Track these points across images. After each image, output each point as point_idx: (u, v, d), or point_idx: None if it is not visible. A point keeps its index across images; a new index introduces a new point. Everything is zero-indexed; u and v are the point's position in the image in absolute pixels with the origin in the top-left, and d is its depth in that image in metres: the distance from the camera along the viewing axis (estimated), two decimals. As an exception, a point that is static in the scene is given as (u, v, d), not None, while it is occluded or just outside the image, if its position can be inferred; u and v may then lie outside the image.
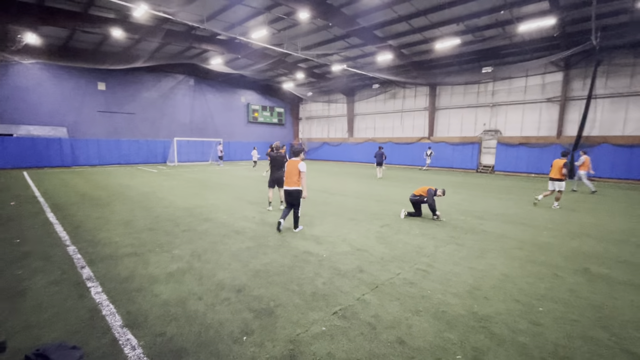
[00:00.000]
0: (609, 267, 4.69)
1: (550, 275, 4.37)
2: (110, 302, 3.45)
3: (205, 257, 4.84)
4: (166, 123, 26.07)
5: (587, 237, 6.26)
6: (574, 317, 3.29)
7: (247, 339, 2.85)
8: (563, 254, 5.25)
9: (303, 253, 5.07)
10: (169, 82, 25.93)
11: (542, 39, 16.52)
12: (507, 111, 21.13)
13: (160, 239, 5.70)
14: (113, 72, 22.50)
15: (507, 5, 13.37)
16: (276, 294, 3.67)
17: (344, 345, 2.78)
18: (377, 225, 6.84)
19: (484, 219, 7.66)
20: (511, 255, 5.15)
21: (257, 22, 16.40)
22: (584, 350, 2.76)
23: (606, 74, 17.13)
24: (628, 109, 16.82)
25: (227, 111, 30.04)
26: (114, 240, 5.57)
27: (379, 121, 28.60)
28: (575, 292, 3.86)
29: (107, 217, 7.29)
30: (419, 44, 18.55)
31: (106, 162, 22.68)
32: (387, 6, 14.26)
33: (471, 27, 15.92)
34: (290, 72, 25.50)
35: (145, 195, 10.30)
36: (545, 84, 19.41)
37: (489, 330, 3.02)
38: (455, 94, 23.47)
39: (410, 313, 3.32)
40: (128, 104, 23.89)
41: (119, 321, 3.08)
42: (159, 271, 4.28)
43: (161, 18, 15.19)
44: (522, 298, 3.68)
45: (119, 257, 4.76)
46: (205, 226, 6.58)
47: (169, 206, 8.55)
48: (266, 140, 33.29)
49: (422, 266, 4.61)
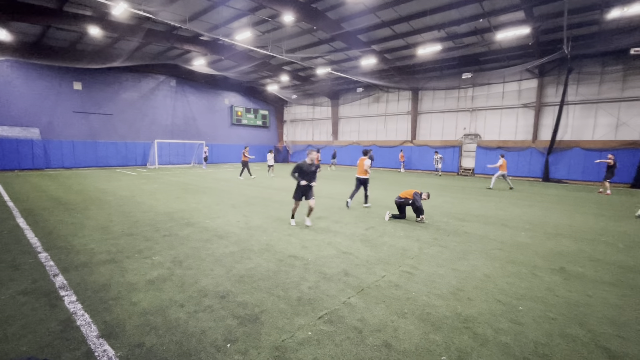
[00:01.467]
0: (583, 266, 4.88)
1: (529, 274, 4.51)
2: (85, 311, 3.28)
3: (187, 263, 4.70)
4: (146, 125, 25.33)
5: (562, 237, 6.51)
6: (552, 316, 3.39)
7: (230, 346, 2.77)
8: (540, 253, 5.44)
9: (288, 257, 5.01)
10: (149, 83, 25.25)
11: (518, 47, 17.21)
12: (486, 116, 21.84)
13: (139, 244, 5.50)
14: (90, 71, 21.70)
15: (486, 14, 13.86)
16: (261, 300, 3.61)
17: (330, 350, 2.75)
18: (362, 228, 6.87)
19: (466, 220, 7.84)
20: (492, 255, 5.28)
21: (241, 24, 16.26)
22: (562, 347, 2.85)
23: (577, 81, 18.03)
24: (597, 115, 17.74)
25: (210, 113, 29.54)
26: (89, 247, 5.32)
27: (363, 124, 28.90)
28: (553, 291, 3.99)
29: (83, 222, 6.97)
30: (401, 49, 18.92)
31: (82, 164, 21.79)
32: (370, 11, 14.46)
33: (452, 34, 16.39)
34: (274, 75, 25.41)
35: (123, 199, 9.95)
36: (521, 90, 20.20)
37: (473, 331, 3.07)
38: (437, 98, 24.05)
39: (395, 316, 3.33)
40: (106, 104, 23.06)
41: (94, 331, 2.93)
42: (138, 278, 4.12)
43: (141, 17, 14.80)
44: (503, 298, 3.77)
45: (94, 265, 4.55)
46: (187, 231, 6.40)
47: (149, 210, 8.28)
48: (250, 142, 32.97)
49: (407, 268, 4.65)
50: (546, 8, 13.17)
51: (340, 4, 13.96)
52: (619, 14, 11.88)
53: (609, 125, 17.40)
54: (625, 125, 16.92)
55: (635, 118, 16.63)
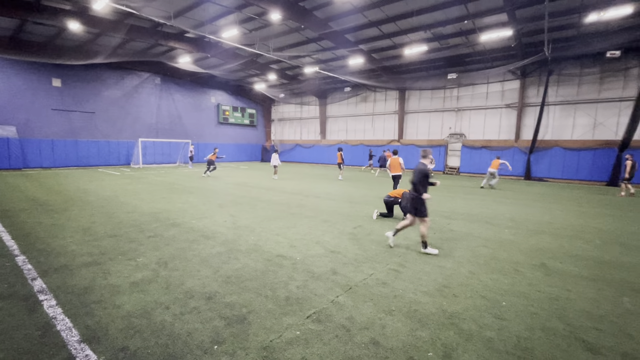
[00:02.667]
0: (563, 262, 5.05)
1: (512, 271, 4.63)
2: (65, 316, 3.18)
3: (172, 264, 4.61)
4: (130, 123, 24.69)
5: (543, 234, 6.72)
6: (534, 310, 3.50)
7: (218, 348, 2.74)
8: (523, 250, 5.59)
9: (276, 257, 4.99)
10: (132, 80, 24.62)
11: (501, 49, 17.62)
12: (470, 116, 22.29)
13: (123, 246, 5.37)
14: (70, 67, 20.97)
15: (470, 15, 14.13)
16: (249, 300, 3.58)
17: (318, 349, 2.75)
18: (350, 227, 6.91)
19: (451, 218, 7.99)
20: (477, 253, 5.40)
21: (228, 21, 16.04)
22: (543, 341, 2.94)
23: (557, 83, 18.61)
24: (576, 116, 18.37)
25: (196, 111, 29.05)
26: (70, 249, 5.16)
27: (350, 124, 29.03)
28: (534, 286, 4.11)
29: (63, 223, 6.75)
30: (389, 49, 19.08)
31: (62, 164, 21.06)
32: (358, 11, 14.52)
33: (437, 35, 16.63)
34: (262, 73, 25.20)
35: (106, 199, 9.68)
36: (504, 91, 20.71)
37: (458, 327, 3.14)
38: (423, 98, 24.38)
39: (383, 313, 3.36)
40: (87, 102, 22.34)
41: (75, 336, 2.85)
42: (122, 281, 4.02)
43: (124, 12, 14.41)
44: (487, 294, 3.87)
45: (75, 267, 4.42)
46: (173, 232, 6.29)
47: (133, 211, 8.09)
48: (238, 141, 32.63)
49: (394, 266, 4.71)
50: (528, 11, 13.54)
51: (328, 3, 13.96)
52: (596, 18, 12.32)
53: (587, 126, 18.05)
54: (602, 126, 17.58)
55: (611, 118, 17.30)
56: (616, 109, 17.14)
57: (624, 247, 5.89)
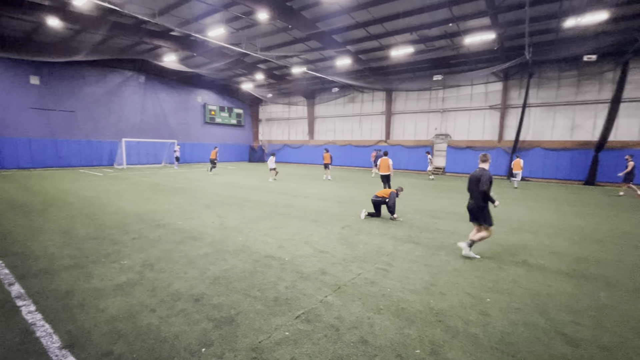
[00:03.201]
0: (544, 259, 5.22)
1: (496, 268, 4.76)
2: (46, 321, 3.07)
3: (158, 266, 4.52)
4: (113, 122, 24.02)
5: (525, 231, 6.93)
6: (517, 306, 3.60)
7: (206, 350, 2.70)
8: (506, 247, 5.75)
9: (265, 257, 4.96)
10: (115, 78, 23.97)
11: (485, 52, 18.05)
12: (455, 117, 22.74)
13: (106, 248, 5.23)
14: (49, 64, 20.21)
15: (455, 18, 14.42)
16: (237, 301, 3.55)
17: (307, 349, 2.76)
18: (338, 227, 6.94)
19: (438, 217, 8.13)
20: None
21: (214, 20, 15.84)
22: (525, 335, 3.03)
23: (537, 85, 19.21)
24: (555, 117, 19.01)
25: (182, 111, 28.54)
26: (50, 252, 4.99)
27: (338, 124, 29.13)
28: (517, 283, 4.24)
29: (42, 226, 6.52)
30: (375, 50, 19.25)
31: (40, 164, 20.30)
32: (345, 12, 14.59)
33: (423, 37, 16.90)
34: (249, 73, 25.00)
35: (88, 200, 9.40)
36: (488, 93, 21.22)
37: (445, 324, 3.20)
38: (410, 99, 24.71)
39: (372, 312, 3.40)
40: (67, 100, 21.61)
41: (56, 342, 2.76)
42: (105, 284, 3.91)
43: (106, 9, 14.02)
44: (472, 291, 3.96)
45: (56, 271, 4.27)
46: (158, 233, 6.16)
47: (117, 212, 7.88)
48: (225, 141, 32.24)
49: (382, 265, 4.76)
50: (510, 15, 13.93)
51: (315, 3, 13.98)
52: (574, 23, 12.80)
53: (566, 127, 18.70)
54: (580, 127, 18.25)
55: (588, 120, 17.98)
56: (593, 111, 17.83)
57: (601, 244, 6.14)
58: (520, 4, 12.53)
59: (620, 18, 13.36)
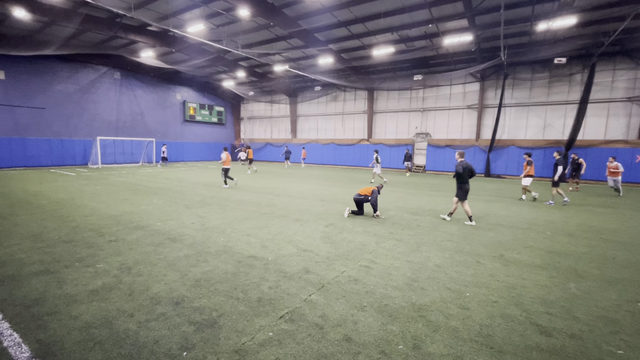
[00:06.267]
0: (519, 253, 5.44)
1: (474, 262, 4.91)
2: (13, 330, 2.91)
3: (136, 269, 4.38)
4: (86, 120, 23.02)
5: (501, 227, 7.19)
6: (494, 299, 3.73)
7: (187, 354, 2.64)
8: (483, 243, 5.94)
9: (247, 258, 4.90)
10: (89, 74, 22.96)
11: (462, 53, 18.56)
12: (435, 116, 23.26)
13: (79, 252, 5.00)
14: (15, 58, 19.10)
15: (434, 19, 14.73)
16: (219, 303, 3.48)
17: (291, 349, 2.74)
18: (322, 225, 6.95)
19: (419, 214, 8.30)
20: (442, 247, 5.66)
21: (194, 15, 15.46)
22: (502, 327, 3.15)
23: (512, 86, 19.96)
24: (529, 117, 19.82)
25: (160, 109, 27.71)
26: (17, 257, 4.72)
27: (321, 123, 29.16)
28: (494, 276, 4.39)
29: (9, 229, 6.16)
30: (357, 49, 19.39)
31: (6, 164, 19.18)
32: (327, 11, 14.60)
33: (404, 37, 17.17)
34: (230, 70, 24.58)
35: (60, 202, 8.96)
36: (466, 93, 21.84)
37: (426, 319, 3.27)
38: (391, 99, 25.07)
39: (355, 309, 3.42)
40: (36, 97, 20.50)
41: (26, 352, 2.61)
42: (79, 289, 3.74)
43: (77, 0, 13.39)
44: (452, 286, 4.07)
45: (24, 277, 4.05)
46: (136, 235, 5.96)
47: (91, 214, 7.56)
48: (205, 140, 31.59)
49: (366, 263, 4.80)
50: (486, 18, 14.37)
51: (297, 1, 13.90)
52: (545, 27, 13.37)
53: (538, 126, 19.54)
54: (551, 127, 19.12)
55: (558, 120, 18.86)
56: (563, 111, 18.72)
57: (571, 237, 6.45)
58: (496, 7, 12.95)
59: (588, 22, 14.07)
